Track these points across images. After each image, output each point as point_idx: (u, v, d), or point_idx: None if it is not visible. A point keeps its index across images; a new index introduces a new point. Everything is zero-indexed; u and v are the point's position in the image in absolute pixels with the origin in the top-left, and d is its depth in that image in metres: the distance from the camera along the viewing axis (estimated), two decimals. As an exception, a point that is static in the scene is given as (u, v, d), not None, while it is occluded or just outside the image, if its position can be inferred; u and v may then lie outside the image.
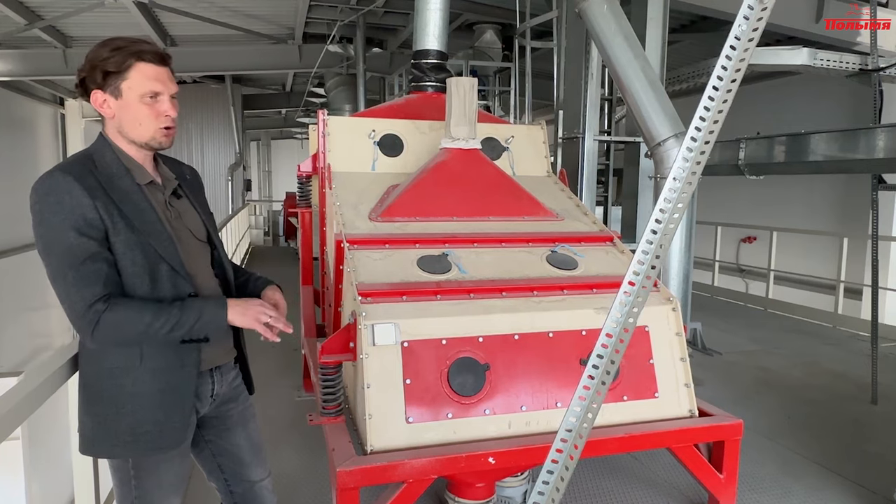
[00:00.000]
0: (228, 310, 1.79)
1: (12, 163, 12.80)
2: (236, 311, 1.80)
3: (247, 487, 2.09)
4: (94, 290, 1.65)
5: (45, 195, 1.66)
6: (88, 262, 1.66)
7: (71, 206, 1.65)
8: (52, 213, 1.65)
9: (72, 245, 1.65)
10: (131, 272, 1.73)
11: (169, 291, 1.78)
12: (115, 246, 1.71)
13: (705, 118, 1.32)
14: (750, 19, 1.28)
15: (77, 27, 10.62)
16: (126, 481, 1.84)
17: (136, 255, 1.73)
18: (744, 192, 11.77)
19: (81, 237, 1.66)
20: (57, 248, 1.65)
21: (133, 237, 1.73)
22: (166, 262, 1.78)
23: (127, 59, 1.73)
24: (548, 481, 1.43)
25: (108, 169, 1.76)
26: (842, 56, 6.83)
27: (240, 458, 2.07)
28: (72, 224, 1.65)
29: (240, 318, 1.81)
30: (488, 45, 10.02)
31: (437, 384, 2.52)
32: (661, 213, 1.35)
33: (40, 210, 1.66)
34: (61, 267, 1.65)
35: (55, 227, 1.65)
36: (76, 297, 1.65)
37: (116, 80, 1.74)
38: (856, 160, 4.64)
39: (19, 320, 12.30)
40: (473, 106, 3.34)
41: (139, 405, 1.77)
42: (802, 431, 4.15)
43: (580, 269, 3.12)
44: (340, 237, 2.99)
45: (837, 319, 7.47)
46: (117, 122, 1.78)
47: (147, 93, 1.75)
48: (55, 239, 1.65)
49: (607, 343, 1.39)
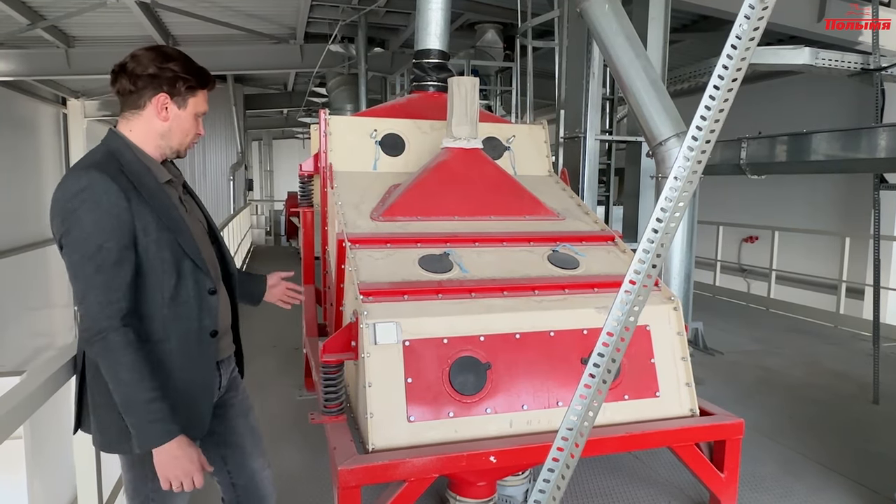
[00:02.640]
0: (162, 446, 1.70)
1: (14, 162, 12.82)
2: (164, 454, 1.71)
3: (249, 478, 2.11)
4: (115, 298, 1.67)
5: (81, 191, 1.66)
6: (115, 267, 1.67)
7: (107, 206, 1.66)
8: (87, 212, 1.65)
9: (102, 247, 1.65)
10: (160, 270, 1.76)
11: (191, 287, 1.82)
12: (146, 246, 1.73)
13: (706, 117, 1.33)
14: (751, 18, 1.28)
15: (79, 27, 10.63)
16: (140, 477, 1.85)
17: (165, 254, 1.76)
18: (745, 191, 11.76)
19: (112, 240, 1.66)
20: (86, 247, 1.65)
21: (164, 235, 1.76)
22: (189, 258, 1.81)
23: (204, 82, 1.90)
24: (549, 479, 1.43)
25: (132, 167, 1.78)
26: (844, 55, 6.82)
27: (242, 447, 2.10)
28: (106, 225, 1.66)
29: (161, 461, 1.72)
30: (490, 45, 10.02)
31: (438, 383, 2.52)
32: (662, 213, 1.36)
33: (74, 207, 1.65)
34: (86, 266, 1.65)
35: (88, 225, 1.65)
36: (94, 300, 1.66)
37: (189, 94, 1.86)
38: (858, 160, 4.64)
39: (21, 319, 12.33)
40: (475, 105, 3.35)
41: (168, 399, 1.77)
42: (804, 431, 4.15)
43: (581, 268, 3.12)
44: (342, 236, 3.00)
45: (839, 319, 7.46)
46: (165, 127, 1.85)
47: (201, 113, 1.93)
48: (86, 238, 1.65)
49: (608, 341, 1.39)
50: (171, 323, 1.79)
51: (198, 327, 1.85)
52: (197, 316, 1.84)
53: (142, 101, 1.81)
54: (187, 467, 1.74)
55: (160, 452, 1.71)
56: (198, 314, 1.84)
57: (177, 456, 1.72)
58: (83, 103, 15.97)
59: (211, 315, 1.88)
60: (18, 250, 12.39)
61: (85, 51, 11.20)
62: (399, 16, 10.56)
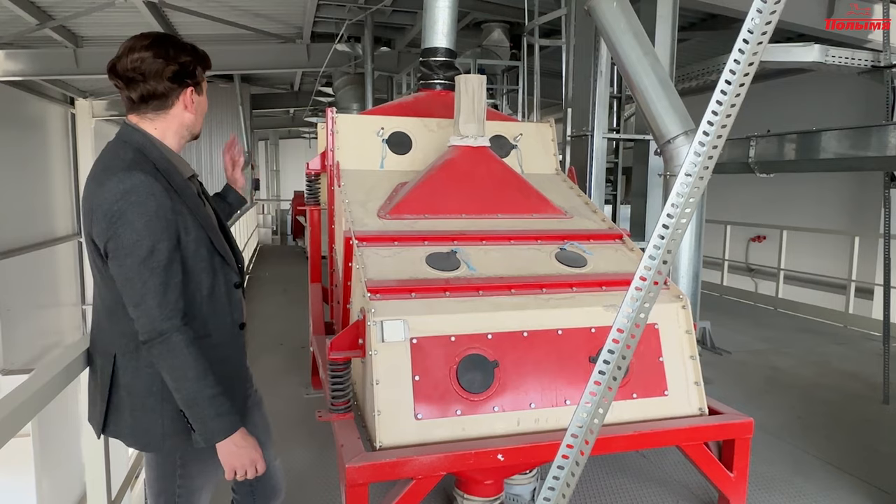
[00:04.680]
0: (228, 437, 1.74)
1: (23, 162, 12.89)
2: (231, 445, 1.75)
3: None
4: (173, 299, 1.67)
5: (127, 193, 1.63)
6: (169, 267, 1.67)
7: (155, 208, 1.65)
8: (137, 215, 1.63)
9: (155, 249, 1.64)
10: (199, 268, 1.77)
11: (222, 283, 1.84)
12: (186, 244, 1.73)
13: (718, 112, 1.31)
14: (763, 13, 1.26)
15: (88, 27, 10.68)
16: (169, 474, 1.86)
17: (202, 251, 1.77)
18: (753, 190, 11.70)
19: (163, 241, 1.66)
20: (139, 251, 1.63)
21: (201, 233, 1.77)
22: (219, 253, 1.83)
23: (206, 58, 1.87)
24: (558, 476, 1.42)
25: (161, 165, 1.76)
26: (854, 53, 6.77)
27: (256, 438, 2.10)
28: (156, 226, 1.65)
29: (228, 451, 1.76)
30: (496, 44, 10.00)
31: (445, 381, 2.52)
32: (672, 208, 1.34)
33: (121, 209, 1.62)
34: (141, 271, 1.64)
35: (139, 229, 1.63)
36: (153, 302, 1.64)
37: (202, 77, 1.87)
38: (867, 158, 4.61)
39: (31, 318, 12.40)
40: (482, 103, 3.34)
41: None
42: (813, 431, 4.12)
43: (589, 266, 3.11)
44: (349, 234, 2.99)
45: (848, 319, 7.41)
46: (192, 118, 1.84)
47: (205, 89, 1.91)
48: (137, 240, 1.63)
49: (618, 338, 1.38)
50: (210, 319, 1.81)
51: (230, 321, 1.88)
52: (228, 310, 1.87)
53: (170, 101, 1.79)
54: (253, 455, 1.79)
55: (226, 444, 1.74)
56: (229, 308, 1.87)
57: (243, 446, 1.77)
58: (91, 103, 16.03)
59: (238, 308, 1.92)
60: (27, 249, 12.46)
61: (93, 50, 11.26)
62: (405, 15, 10.56)
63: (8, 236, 11.76)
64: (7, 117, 12.34)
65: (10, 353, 11.27)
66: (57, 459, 5.27)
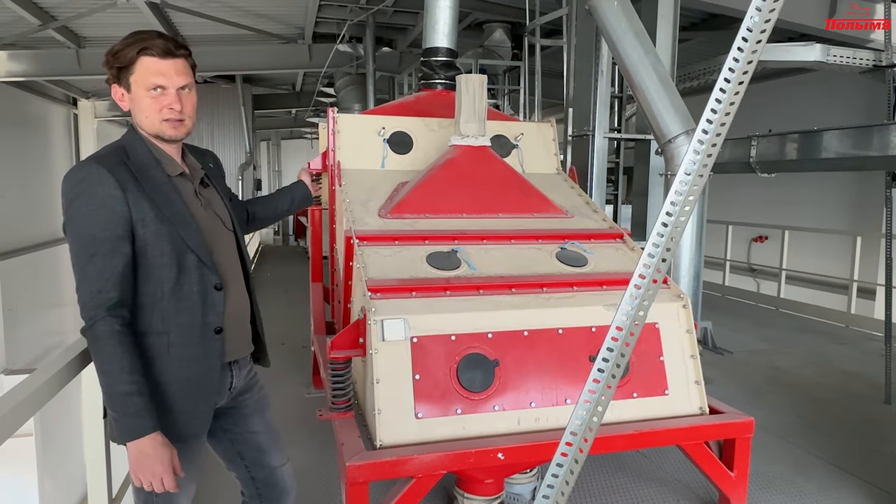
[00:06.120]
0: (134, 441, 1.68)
1: (26, 162, 12.91)
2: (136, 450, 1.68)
3: (268, 473, 2.13)
4: (105, 288, 1.68)
5: (78, 183, 1.70)
6: (108, 256, 1.68)
7: (102, 197, 1.69)
8: (83, 202, 1.69)
9: (95, 237, 1.68)
10: (159, 263, 1.76)
11: (196, 282, 1.81)
12: (143, 237, 1.73)
13: (717, 110, 1.31)
14: (762, 11, 1.26)
15: (90, 28, 10.69)
16: None
17: (164, 246, 1.76)
18: (755, 190, 11.68)
19: (106, 230, 1.69)
20: (82, 237, 1.69)
21: (162, 227, 1.75)
22: (193, 252, 1.80)
23: (132, 54, 1.76)
24: (557, 475, 1.43)
25: (140, 160, 1.79)
26: (855, 52, 6.76)
27: (259, 445, 2.10)
28: (100, 216, 1.68)
29: (133, 457, 1.69)
30: (497, 44, 10.00)
31: (446, 380, 2.52)
32: (672, 206, 1.34)
33: (71, 198, 1.70)
34: (81, 256, 1.69)
35: (84, 216, 1.69)
36: (86, 289, 1.68)
37: (126, 74, 1.79)
38: (869, 157, 4.61)
39: (33, 318, 12.41)
40: (483, 103, 3.34)
41: (165, 394, 1.79)
42: (815, 431, 4.12)
43: (590, 265, 3.11)
44: (350, 233, 3.00)
45: (850, 319, 7.40)
46: (133, 115, 1.83)
47: (150, 86, 1.78)
48: (82, 227, 1.69)
49: (617, 336, 1.38)
50: (171, 316, 1.79)
51: (201, 323, 1.83)
52: (200, 311, 1.83)
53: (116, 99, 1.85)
54: (156, 468, 1.68)
55: (132, 448, 1.69)
56: (201, 310, 1.83)
57: (147, 454, 1.68)
58: (94, 104, 16.05)
59: (216, 311, 1.86)
60: (30, 249, 12.47)
61: (96, 51, 11.26)
62: (407, 15, 10.55)
63: (11, 236, 11.77)
64: (10, 118, 12.36)
65: (12, 352, 11.28)
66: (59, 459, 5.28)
